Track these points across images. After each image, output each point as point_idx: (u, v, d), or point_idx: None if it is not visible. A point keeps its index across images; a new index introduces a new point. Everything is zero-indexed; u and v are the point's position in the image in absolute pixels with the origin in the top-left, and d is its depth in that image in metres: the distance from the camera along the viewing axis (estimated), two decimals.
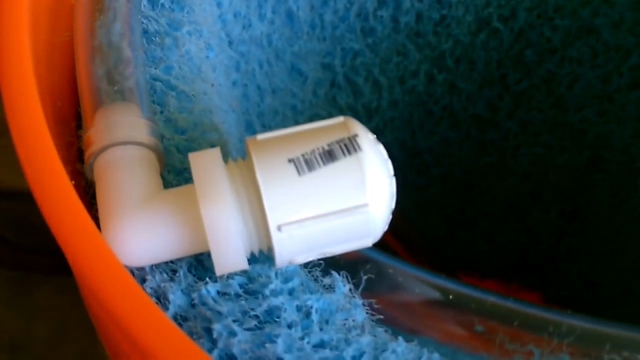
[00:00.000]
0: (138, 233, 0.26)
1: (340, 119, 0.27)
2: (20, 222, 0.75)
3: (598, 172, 0.58)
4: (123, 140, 0.28)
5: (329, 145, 0.26)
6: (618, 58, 0.52)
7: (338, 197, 0.26)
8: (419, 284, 0.29)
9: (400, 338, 0.26)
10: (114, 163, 0.28)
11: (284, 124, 0.49)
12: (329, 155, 0.26)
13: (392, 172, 0.27)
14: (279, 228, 0.25)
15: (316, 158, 0.26)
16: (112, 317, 0.23)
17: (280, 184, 0.26)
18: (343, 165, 0.26)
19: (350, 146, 0.26)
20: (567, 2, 0.51)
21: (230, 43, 0.40)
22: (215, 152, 0.27)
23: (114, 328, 0.26)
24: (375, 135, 0.27)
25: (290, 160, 0.26)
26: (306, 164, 0.26)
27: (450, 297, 0.28)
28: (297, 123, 0.51)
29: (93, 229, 0.25)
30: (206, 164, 0.26)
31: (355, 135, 0.26)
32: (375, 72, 0.53)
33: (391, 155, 0.58)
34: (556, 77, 0.54)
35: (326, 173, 0.26)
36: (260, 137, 0.27)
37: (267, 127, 0.46)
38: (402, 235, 0.62)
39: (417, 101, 0.56)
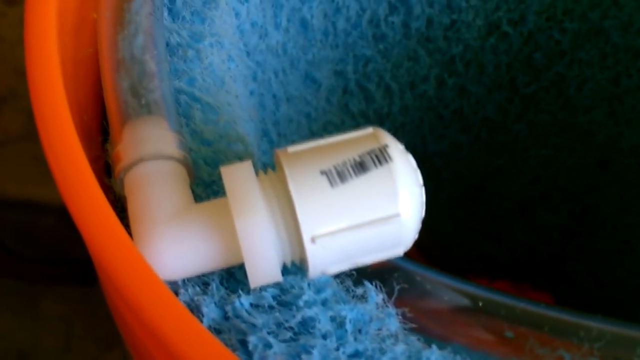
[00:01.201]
0: (172, 246, 0.27)
1: (370, 129, 0.28)
2: (25, 232, 0.75)
3: (607, 173, 0.58)
4: (153, 155, 0.28)
5: (360, 156, 0.26)
6: (627, 60, 0.52)
7: (370, 207, 0.26)
8: (448, 291, 0.29)
9: (433, 346, 0.26)
10: (144, 178, 0.28)
11: (299, 132, 0.49)
12: (361, 167, 0.26)
13: (421, 181, 0.27)
14: (312, 240, 0.26)
15: (348, 169, 0.26)
16: (150, 328, 0.23)
17: (313, 196, 0.26)
18: (375, 175, 0.26)
19: (381, 157, 0.26)
20: (577, 5, 0.51)
21: (248, 53, 0.40)
22: (247, 165, 0.27)
23: (150, 340, 0.26)
24: (404, 146, 0.28)
25: (322, 172, 0.26)
26: (338, 175, 0.26)
27: (480, 303, 0.29)
28: (310, 130, 0.51)
29: (129, 242, 0.25)
30: (238, 177, 0.27)
31: (386, 146, 0.27)
32: (386, 77, 0.53)
33: None
34: (565, 80, 0.55)
35: (358, 184, 0.26)
36: (292, 149, 0.27)
37: (282, 136, 0.46)
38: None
39: (428, 106, 0.56)
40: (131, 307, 0.24)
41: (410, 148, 0.58)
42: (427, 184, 0.26)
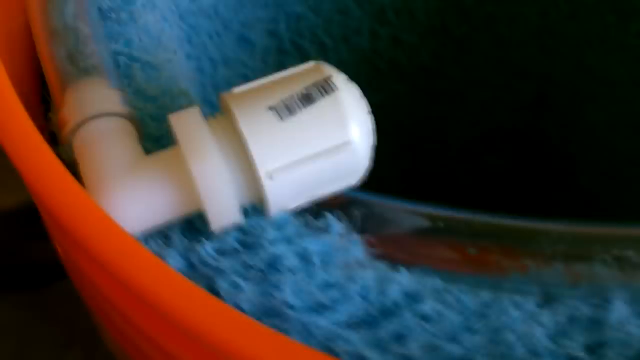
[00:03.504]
0: (129, 199, 0.26)
1: (311, 64, 0.28)
2: None
3: (545, 108, 0.59)
4: (98, 113, 0.28)
5: (305, 88, 0.27)
6: None
7: (321, 136, 0.26)
8: (407, 215, 0.29)
9: (402, 269, 0.27)
10: (93, 137, 0.28)
11: None
12: (307, 98, 0.26)
13: (368, 109, 0.27)
14: (269, 175, 0.26)
15: (295, 102, 0.26)
16: (120, 277, 0.23)
17: (264, 131, 0.26)
18: (322, 105, 0.26)
19: (327, 87, 0.27)
20: None
21: (180, 16, 0.39)
22: (195, 111, 0.27)
23: (115, 289, 0.26)
24: (347, 76, 0.28)
25: (270, 108, 0.26)
26: (287, 108, 0.26)
27: (441, 224, 0.29)
28: None
29: (85, 195, 0.25)
30: (188, 123, 0.26)
31: (330, 76, 0.27)
32: (319, 33, 0.53)
33: None
34: (495, 18, 0.55)
35: (307, 115, 0.26)
36: (237, 90, 0.27)
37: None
38: None
39: (363, 58, 0.56)
40: (98, 259, 0.24)
41: None
42: None
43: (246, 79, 0.50)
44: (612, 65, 0.54)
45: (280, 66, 0.52)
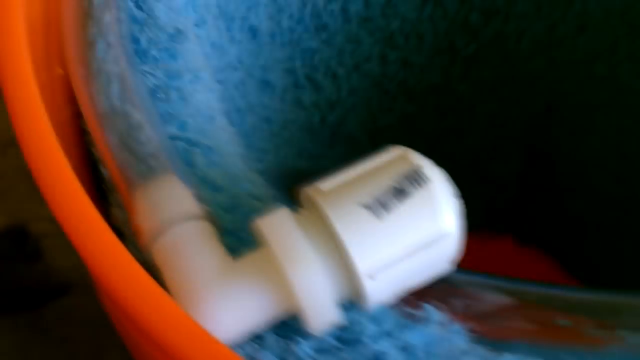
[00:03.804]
0: (223, 308, 0.26)
1: (397, 151, 0.27)
2: None
3: (554, 116, 0.59)
4: (176, 219, 0.27)
5: (397, 182, 0.26)
6: (562, 6, 0.53)
7: (419, 231, 0.26)
8: (495, 292, 0.29)
9: (505, 354, 0.27)
10: (175, 244, 0.27)
11: (263, 139, 0.48)
12: (401, 193, 0.26)
13: (456, 192, 0.27)
14: (370, 276, 0.25)
15: (389, 198, 0.26)
16: None
17: (361, 232, 0.25)
18: (416, 199, 0.26)
19: (418, 179, 0.26)
20: None
21: (211, 75, 0.38)
22: (285, 214, 0.26)
23: None
24: (431, 160, 0.27)
25: (364, 206, 0.25)
26: (381, 205, 0.25)
27: (528, 298, 0.29)
28: (271, 133, 0.50)
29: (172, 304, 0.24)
30: (280, 227, 0.26)
31: (420, 167, 0.26)
32: (332, 65, 0.52)
33: (355, 141, 0.59)
34: (503, 35, 0.55)
35: (402, 211, 0.26)
36: (323, 186, 0.26)
37: (250, 147, 0.45)
38: None
39: (373, 83, 0.56)
40: None
41: (362, 128, 0.58)
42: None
43: (269, 121, 0.50)
44: (622, 75, 0.54)
45: (297, 101, 0.51)
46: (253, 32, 0.45)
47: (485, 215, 0.67)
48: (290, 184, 0.54)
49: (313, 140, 0.55)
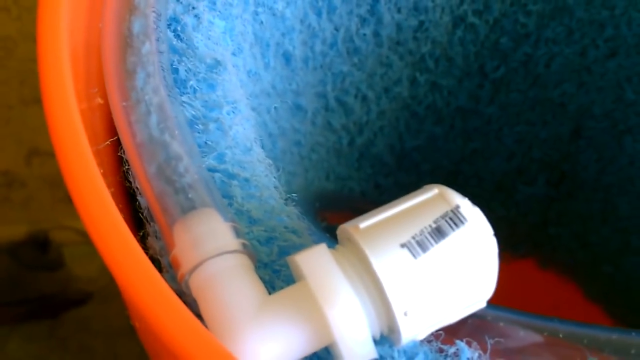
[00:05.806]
0: (260, 343, 0.26)
1: (435, 190, 0.27)
2: None
3: (582, 139, 0.59)
4: (214, 253, 0.27)
5: (435, 222, 0.26)
6: (593, 32, 0.53)
7: (455, 271, 0.26)
8: (526, 328, 0.29)
9: None
10: (212, 278, 0.27)
11: (292, 162, 0.49)
12: (438, 232, 0.26)
13: (492, 231, 0.27)
14: (405, 314, 0.26)
15: (427, 238, 0.26)
16: None
17: (399, 271, 0.26)
18: (454, 240, 0.26)
19: (456, 219, 0.26)
20: None
21: (247, 104, 0.39)
22: (323, 250, 0.27)
23: None
24: (468, 199, 0.28)
25: (402, 245, 0.26)
26: (419, 245, 0.26)
27: (560, 335, 0.29)
28: (300, 156, 0.50)
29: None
30: (317, 263, 0.26)
31: (458, 206, 0.27)
32: (362, 88, 0.53)
33: (382, 162, 0.59)
34: (533, 59, 0.55)
35: (440, 251, 0.26)
36: (362, 224, 0.27)
37: (281, 170, 0.46)
38: None
39: (402, 106, 0.56)
40: None
41: (389, 149, 0.58)
42: (406, 178, 0.25)
43: (299, 145, 0.50)
44: None
45: (327, 124, 0.52)
46: (287, 57, 0.45)
47: (509, 237, 0.67)
48: (317, 204, 0.55)
49: (341, 163, 0.55)
